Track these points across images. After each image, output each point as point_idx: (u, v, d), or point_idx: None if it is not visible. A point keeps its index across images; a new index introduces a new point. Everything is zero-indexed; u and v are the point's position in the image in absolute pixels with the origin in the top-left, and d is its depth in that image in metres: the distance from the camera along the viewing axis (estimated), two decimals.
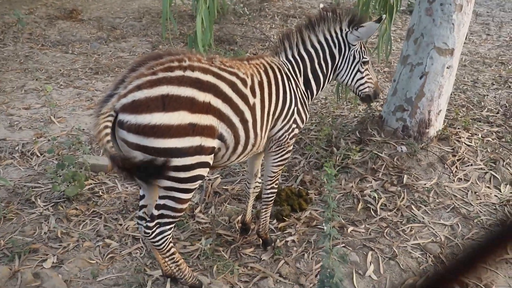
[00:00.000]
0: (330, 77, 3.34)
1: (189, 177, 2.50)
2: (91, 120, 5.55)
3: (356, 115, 5.51)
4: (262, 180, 3.49)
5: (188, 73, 2.43)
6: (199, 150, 2.44)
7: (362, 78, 3.34)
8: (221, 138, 2.58)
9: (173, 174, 2.45)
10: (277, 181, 3.37)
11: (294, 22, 9.76)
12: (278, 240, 3.61)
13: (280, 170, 3.29)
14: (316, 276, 3.26)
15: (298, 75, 3.15)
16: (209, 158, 2.55)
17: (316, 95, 3.34)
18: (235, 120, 2.62)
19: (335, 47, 3.22)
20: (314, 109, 5.86)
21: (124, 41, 8.67)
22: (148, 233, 2.66)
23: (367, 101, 3.59)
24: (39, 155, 4.78)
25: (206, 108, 2.45)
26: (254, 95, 2.75)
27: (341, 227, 3.75)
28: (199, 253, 3.46)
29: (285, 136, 3.05)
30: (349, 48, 3.24)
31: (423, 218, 3.82)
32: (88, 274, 3.27)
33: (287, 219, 3.85)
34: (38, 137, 5.12)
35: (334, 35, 3.21)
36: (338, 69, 3.32)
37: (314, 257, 3.45)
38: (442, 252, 3.47)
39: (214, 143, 2.53)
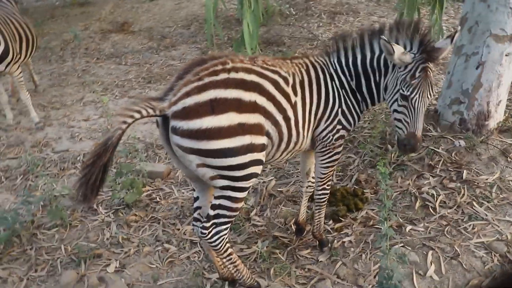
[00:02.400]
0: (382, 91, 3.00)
1: (243, 175, 2.58)
2: (146, 129, 5.73)
3: None
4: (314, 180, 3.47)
5: (233, 75, 2.51)
6: (251, 148, 2.52)
7: (398, 113, 2.86)
8: (267, 135, 2.65)
9: (228, 173, 2.54)
10: (329, 182, 3.33)
11: (341, 19, 9.62)
12: (335, 241, 3.57)
13: (330, 171, 3.24)
14: (374, 277, 3.20)
15: (349, 78, 3.00)
16: (261, 155, 2.61)
17: (372, 103, 3.11)
18: (279, 117, 2.68)
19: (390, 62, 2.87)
20: None
21: (174, 50, 8.88)
22: (205, 233, 2.72)
23: (398, 146, 3.06)
24: None
25: (253, 107, 2.52)
26: (295, 94, 2.78)
27: (399, 226, 3.65)
28: (256, 256, 3.48)
29: (329, 137, 3.01)
30: (395, 71, 2.83)
31: (486, 215, 3.64)
32: (149, 278, 3.38)
33: (343, 220, 3.80)
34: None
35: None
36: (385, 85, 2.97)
37: (372, 258, 3.38)
38: (509, 251, 3.29)
39: (263, 140, 2.60)
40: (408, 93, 2.74)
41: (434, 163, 4.18)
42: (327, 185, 3.33)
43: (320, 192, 3.36)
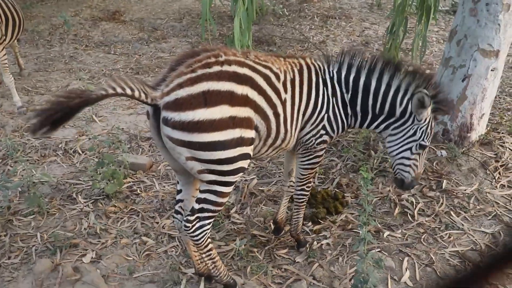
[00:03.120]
0: (377, 125, 3.08)
1: (231, 169, 2.57)
2: (131, 120, 5.69)
3: None
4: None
5: (226, 68, 2.50)
6: (240, 141, 2.51)
7: (409, 159, 3.06)
8: (256, 129, 2.65)
9: (217, 167, 2.53)
10: (309, 184, 3.34)
11: (333, 23, 9.67)
12: (314, 243, 3.58)
13: (309, 173, 3.25)
14: (350, 280, 3.22)
15: (344, 90, 3.00)
16: (249, 149, 2.61)
17: (356, 126, 3.16)
18: (269, 112, 2.68)
19: (400, 106, 2.96)
20: None
21: (164, 42, 8.82)
22: (188, 227, 2.70)
23: (397, 184, 3.27)
24: (80, 152, 4.94)
25: (244, 101, 2.52)
26: (286, 91, 2.78)
27: (377, 232, 3.69)
28: (234, 253, 3.49)
29: (312, 140, 3.02)
30: (413, 120, 2.97)
31: (463, 225, 3.70)
32: (125, 270, 3.35)
33: (322, 222, 3.82)
34: (80, 135, 5.29)
35: (408, 96, 2.94)
36: (391, 129, 3.06)
37: (348, 261, 3.41)
38: (482, 261, 3.35)
39: (252, 134, 2.60)
40: (428, 143, 2.98)
41: None
42: (307, 187, 3.34)
43: (299, 193, 3.37)
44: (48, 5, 11.19)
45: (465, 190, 4.03)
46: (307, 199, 3.44)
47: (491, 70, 4.20)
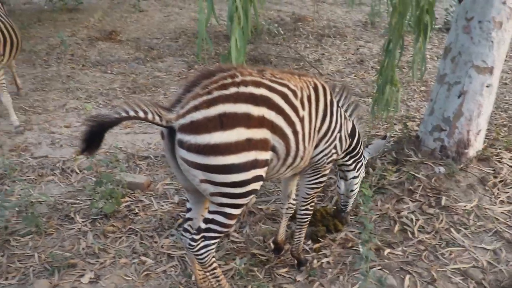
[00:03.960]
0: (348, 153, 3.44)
1: (244, 192, 2.52)
2: (128, 139, 5.68)
3: (392, 135, 5.44)
4: (296, 201, 3.47)
5: (242, 89, 2.44)
6: (255, 164, 2.46)
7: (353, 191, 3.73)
8: (273, 149, 2.59)
9: (230, 190, 2.48)
10: (312, 204, 3.34)
11: (328, 42, 9.78)
12: (314, 261, 3.56)
13: (315, 192, 3.25)
14: None
15: (347, 115, 3.25)
16: (263, 171, 2.56)
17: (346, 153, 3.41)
18: (288, 131, 2.62)
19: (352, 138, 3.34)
20: None
21: (160, 61, 8.88)
22: (193, 245, 2.66)
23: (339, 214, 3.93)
24: (78, 172, 4.92)
25: (261, 122, 2.46)
26: (303, 108, 2.75)
27: (377, 249, 3.67)
28: (234, 272, 3.45)
29: (324, 160, 3.03)
30: (360, 157, 3.57)
31: (463, 242, 3.70)
32: None
33: (322, 240, 3.80)
34: (78, 154, 5.27)
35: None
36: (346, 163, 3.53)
37: (350, 280, 3.39)
38: (484, 278, 3.34)
39: (267, 155, 2.54)
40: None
41: (414, 188, 4.24)
42: (311, 206, 3.34)
43: (303, 212, 3.36)
44: (45, 25, 11.26)
45: (464, 206, 4.04)
46: (310, 218, 3.43)
47: (486, 86, 4.25)
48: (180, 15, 12.58)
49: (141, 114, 2.28)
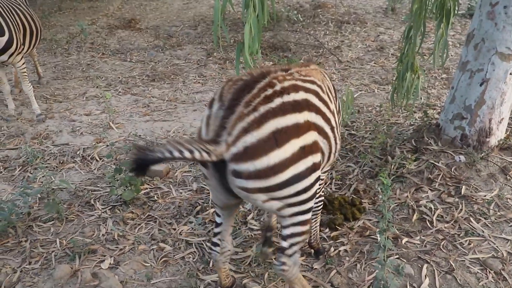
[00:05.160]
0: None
1: (310, 196, 2.42)
2: (147, 126, 5.73)
3: (411, 123, 5.36)
4: None
5: (286, 98, 2.31)
6: (313, 167, 2.37)
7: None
8: (321, 150, 2.51)
9: (297, 199, 2.37)
10: (322, 193, 3.32)
11: (348, 29, 9.66)
12: (331, 249, 3.56)
13: (325, 180, 3.22)
14: (368, 287, 3.19)
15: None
16: (320, 171, 2.49)
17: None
18: (327, 129, 2.54)
19: None
20: (369, 117, 5.75)
21: (179, 49, 8.90)
22: (287, 269, 2.57)
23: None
24: (98, 159, 4.99)
25: (308, 126, 2.36)
26: (330, 100, 2.70)
27: (395, 238, 3.65)
28: (251, 259, 3.48)
29: (338, 146, 3.00)
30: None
31: (483, 232, 3.64)
32: (143, 277, 3.37)
33: (339, 228, 3.80)
34: (98, 142, 5.35)
35: None
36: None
37: (367, 268, 3.38)
38: (504, 269, 3.29)
39: (320, 155, 2.46)
40: None
41: (433, 177, 4.18)
42: (322, 193, 3.32)
43: (317, 201, 3.34)
44: (65, 14, 11.38)
45: (484, 196, 3.97)
46: (321, 206, 3.41)
47: (510, 73, 4.14)
48: (199, 3, 12.57)
49: (187, 154, 2.08)
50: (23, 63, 5.86)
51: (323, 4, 11.44)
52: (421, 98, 6.20)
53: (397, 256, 3.45)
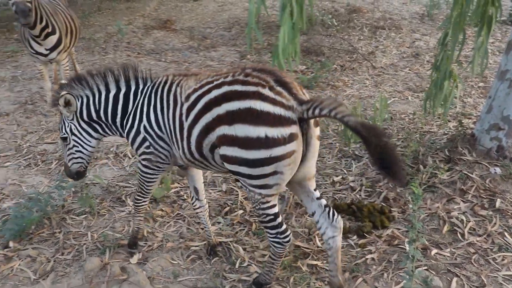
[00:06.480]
0: None
1: None
2: None
3: (445, 132, 5.25)
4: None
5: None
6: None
7: None
8: None
9: None
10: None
11: (383, 34, 9.54)
12: (358, 257, 3.53)
13: None
14: None
15: None
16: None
17: None
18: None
19: None
20: (402, 124, 5.66)
21: (213, 50, 8.99)
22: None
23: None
24: (130, 156, 5.10)
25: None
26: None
27: (424, 249, 3.58)
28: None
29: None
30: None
31: None
32: (170, 274, 3.42)
33: (368, 236, 3.75)
34: None
35: None
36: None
37: (394, 278, 3.33)
38: None
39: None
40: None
41: (466, 188, 4.09)
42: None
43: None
44: (104, 14, 11.68)
45: None
46: None
47: None
48: (234, 5, 12.66)
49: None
50: (67, 61, 6.15)
51: (358, 9, 11.34)
52: (456, 106, 6.07)
53: (426, 268, 3.38)
